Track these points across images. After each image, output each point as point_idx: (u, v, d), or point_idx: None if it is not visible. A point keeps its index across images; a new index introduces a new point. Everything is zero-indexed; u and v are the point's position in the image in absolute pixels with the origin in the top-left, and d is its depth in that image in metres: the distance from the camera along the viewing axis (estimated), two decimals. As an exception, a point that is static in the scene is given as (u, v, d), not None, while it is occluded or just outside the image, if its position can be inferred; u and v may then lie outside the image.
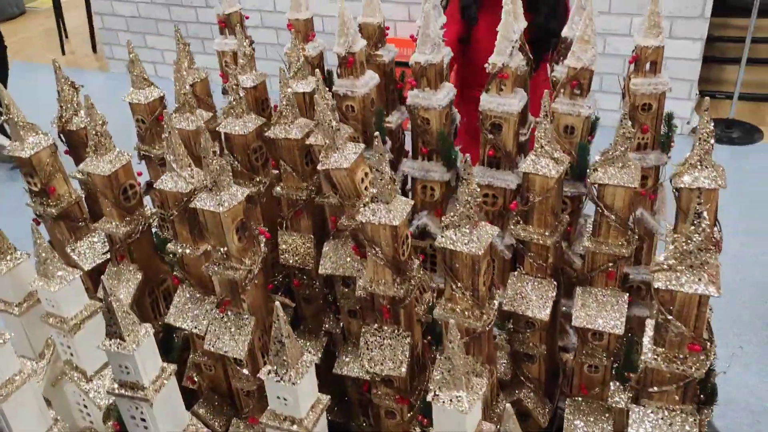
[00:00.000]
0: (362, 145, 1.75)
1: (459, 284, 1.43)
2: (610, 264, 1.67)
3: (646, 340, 1.34)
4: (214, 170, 1.55)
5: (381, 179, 1.46)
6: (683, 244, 1.21)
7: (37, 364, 1.70)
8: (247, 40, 2.21)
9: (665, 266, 1.23)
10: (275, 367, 1.39)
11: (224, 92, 2.43)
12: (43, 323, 1.73)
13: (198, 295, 1.80)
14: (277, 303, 1.35)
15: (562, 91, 1.87)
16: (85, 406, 1.85)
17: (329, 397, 1.49)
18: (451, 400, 1.24)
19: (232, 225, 1.59)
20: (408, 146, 2.29)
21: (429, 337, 1.74)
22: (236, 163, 1.97)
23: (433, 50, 1.89)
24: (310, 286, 2.08)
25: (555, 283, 1.75)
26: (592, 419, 1.82)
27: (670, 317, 1.25)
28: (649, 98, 1.89)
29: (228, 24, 2.43)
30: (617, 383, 1.84)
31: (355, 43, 1.99)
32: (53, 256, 1.66)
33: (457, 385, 1.23)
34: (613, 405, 1.84)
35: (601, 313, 1.69)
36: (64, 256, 1.95)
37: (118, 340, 1.43)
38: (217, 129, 1.97)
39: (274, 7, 5.48)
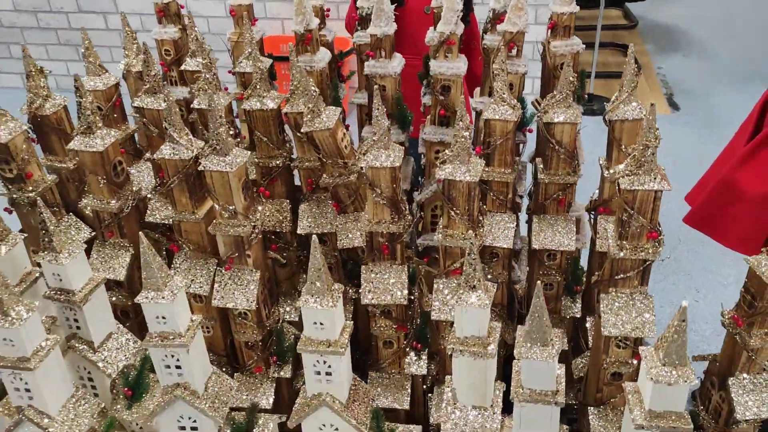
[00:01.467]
0: (339, 108, 1.95)
1: (457, 210, 1.67)
2: (560, 192, 1.98)
3: (611, 241, 1.65)
4: (221, 133, 1.68)
5: (380, 128, 1.67)
6: (641, 154, 1.52)
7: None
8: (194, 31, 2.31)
9: (627, 172, 1.55)
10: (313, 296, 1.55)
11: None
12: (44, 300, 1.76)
13: (196, 260, 1.91)
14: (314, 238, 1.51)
15: (500, 52, 2.17)
16: (90, 378, 1.89)
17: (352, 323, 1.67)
18: (542, 355, 1.41)
19: (239, 184, 1.73)
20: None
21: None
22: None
23: (387, 23, 2.12)
24: (286, 249, 2.23)
25: (514, 215, 2.04)
26: (550, 330, 2.12)
27: (632, 212, 1.57)
28: (566, 58, 2.23)
29: (167, 13, 2.51)
30: (568, 298, 2.17)
31: (311, 21, 2.17)
32: (59, 229, 1.70)
33: (545, 340, 1.40)
34: (566, 316, 2.17)
35: (555, 235, 2.00)
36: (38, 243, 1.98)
37: (155, 292, 1.53)
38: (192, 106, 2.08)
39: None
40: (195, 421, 1.68)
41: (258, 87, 2.02)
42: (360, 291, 1.86)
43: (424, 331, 1.94)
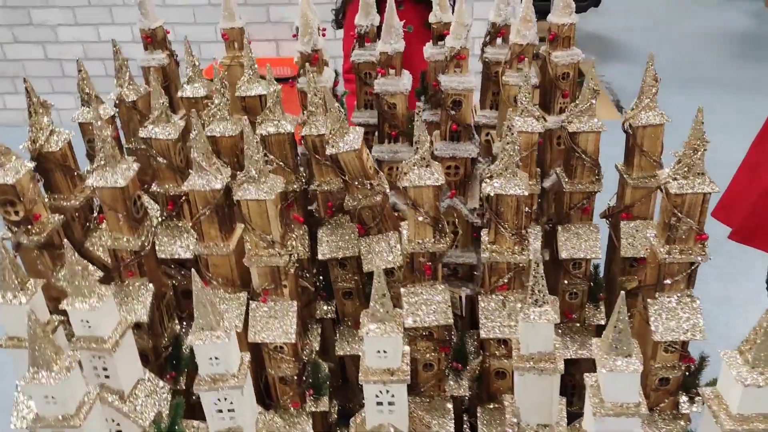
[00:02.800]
0: (362, 129, 1.91)
1: (505, 225, 1.65)
2: (584, 201, 1.99)
3: (656, 242, 1.67)
4: (258, 160, 1.61)
5: (422, 146, 1.63)
6: (690, 157, 1.54)
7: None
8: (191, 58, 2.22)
9: (675, 177, 1.57)
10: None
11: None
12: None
13: (223, 295, 1.82)
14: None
15: (508, 66, 2.18)
16: (119, 431, 1.76)
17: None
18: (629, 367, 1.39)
19: (276, 212, 1.66)
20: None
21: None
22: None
23: (397, 40, 2.09)
24: (302, 277, 2.16)
25: (539, 227, 2.04)
26: (578, 339, 2.13)
27: (682, 215, 1.59)
28: (567, 68, 2.25)
29: (154, 39, 2.40)
30: (591, 305, 2.19)
31: (318, 41, 2.12)
32: (87, 272, 1.58)
33: (629, 351, 1.38)
34: (592, 323, 2.18)
35: (581, 243, 2.01)
36: (49, 289, 1.84)
37: (209, 332, 1.45)
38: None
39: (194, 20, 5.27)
40: (244, 467, 1.59)
41: (272, 110, 1.95)
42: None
43: (463, 351, 1.91)
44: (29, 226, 1.79)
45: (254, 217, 1.65)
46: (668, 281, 1.69)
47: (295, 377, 1.85)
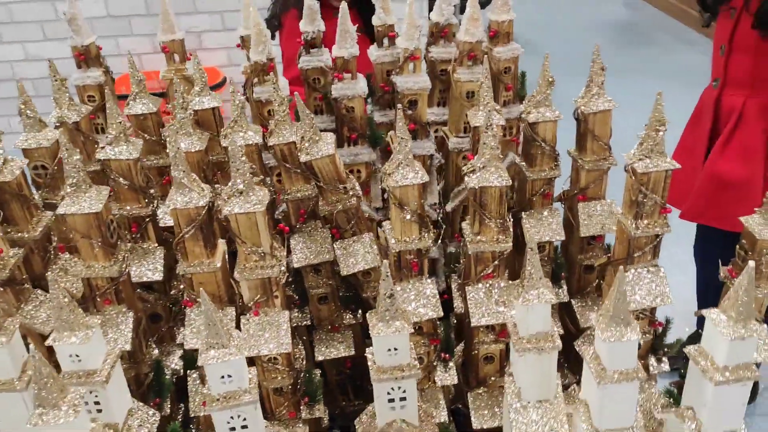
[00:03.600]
0: (332, 135, 1.92)
1: (490, 215, 1.72)
2: (545, 186, 2.10)
3: (624, 219, 1.79)
4: (246, 173, 1.59)
5: (405, 147, 1.67)
6: (650, 139, 1.67)
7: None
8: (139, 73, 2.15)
9: (640, 157, 1.69)
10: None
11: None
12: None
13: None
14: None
15: (459, 63, 2.25)
16: (115, 465, 1.68)
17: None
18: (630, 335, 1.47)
19: (265, 223, 1.65)
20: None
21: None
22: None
23: (352, 44, 2.11)
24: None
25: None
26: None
27: (647, 192, 1.71)
28: (509, 62, 2.36)
29: (87, 56, 2.30)
30: (555, 285, 2.30)
31: (271, 51, 2.11)
32: (72, 305, 1.51)
33: (626, 320, 1.45)
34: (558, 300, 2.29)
35: (545, 228, 2.11)
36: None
37: (223, 350, 1.42)
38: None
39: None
40: (258, 482, 1.57)
41: (238, 122, 1.92)
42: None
43: (450, 342, 1.96)
44: (-8, 263, 1.68)
45: (244, 230, 1.63)
46: (637, 254, 1.81)
47: (290, 387, 1.84)
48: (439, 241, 2.21)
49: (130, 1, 4.97)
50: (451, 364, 1.98)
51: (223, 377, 1.45)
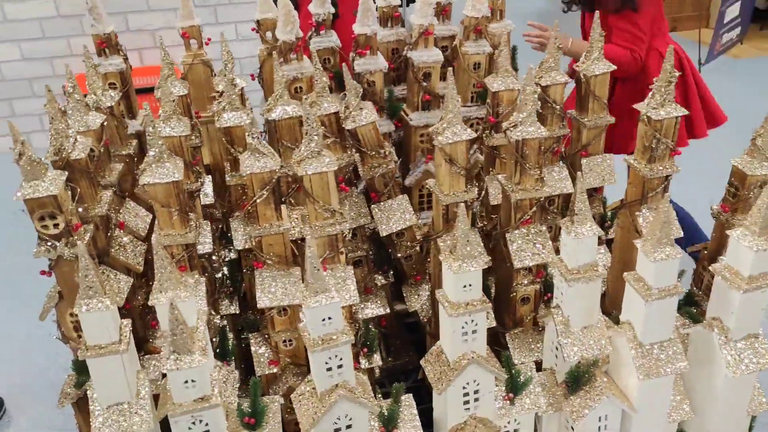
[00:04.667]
0: (371, 104, 2.07)
1: (528, 165, 1.92)
2: (555, 144, 2.32)
3: (637, 163, 2.03)
4: (319, 136, 1.72)
5: (454, 106, 1.84)
6: (662, 91, 1.92)
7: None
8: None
9: (654, 107, 1.93)
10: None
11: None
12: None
13: (278, 273, 1.89)
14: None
15: (465, 38, 2.44)
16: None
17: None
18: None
19: (335, 182, 1.79)
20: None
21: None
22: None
23: (373, 22, 2.27)
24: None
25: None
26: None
27: (660, 137, 1.96)
28: (503, 36, 2.58)
29: (108, 44, 2.34)
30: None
31: (299, 31, 2.24)
32: (173, 266, 1.60)
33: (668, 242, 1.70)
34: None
35: (556, 182, 2.34)
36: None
37: (325, 294, 1.55)
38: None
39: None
40: (351, 419, 1.71)
41: (281, 96, 2.04)
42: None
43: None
44: (69, 238, 1.74)
45: (316, 189, 1.76)
46: (651, 194, 2.06)
47: (353, 338, 1.98)
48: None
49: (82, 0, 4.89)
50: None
51: (324, 320, 1.58)
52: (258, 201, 1.78)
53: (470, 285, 1.70)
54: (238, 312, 2.24)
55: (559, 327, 1.88)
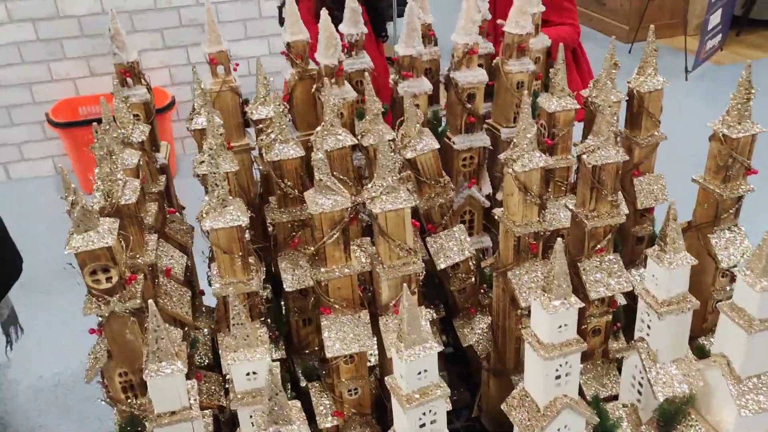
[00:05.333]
0: (427, 130, 1.95)
1: (605, 191, 1.81)
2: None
3: (710, 183, 1.94)
4: (394, 170, 1.59)
5: (530, 132, 1.73)
6: (739, 107, 1.83)
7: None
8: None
9: (730, 124, 1.84)
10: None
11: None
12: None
13: (346, 318, 1.74)
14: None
15: (508, 56, 2.33)
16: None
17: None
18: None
19: (410, 219, 1.65)
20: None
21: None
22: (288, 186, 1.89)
23: (419, 43, 2.14)
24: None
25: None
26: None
27: (736, 156, 1.87)
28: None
29: (132, 73, 2.17)
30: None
31: (341, 54, 2.10)
32: (250, 323, 1.44)
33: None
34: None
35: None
36: (136, 360, 1.63)
37: (422, 344, 1.41)
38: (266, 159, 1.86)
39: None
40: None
41: (331, 126, 1.90)
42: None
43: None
44: (123, 292, 1.56)
45: (392, 227, 1.62)
46: (724, 215, 1.97)
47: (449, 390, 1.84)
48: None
49: (62, 24, 4.65)
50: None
51: (420, 373, 1.44)
52: (328, 242, 1.63)
53: (566, 325, 1.58)
54: (284, 357, 2.08)
55: (646, 362, 1.77)
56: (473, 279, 2.17)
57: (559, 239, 1.53)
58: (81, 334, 1.77)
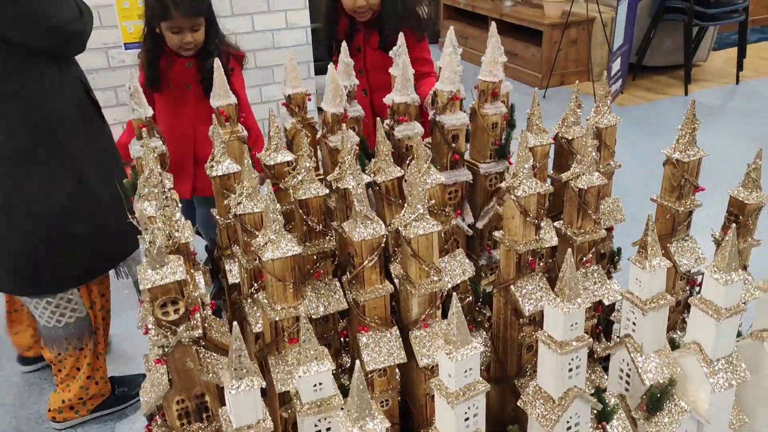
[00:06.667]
0: (432, 166, 2.21)
1: (589, 211, 2.13)
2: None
3: (666, 201, 2.29)
4: (424, 200, 1.84)
5: (528, 162, 2.02)
6: (687, 135, 2.21)
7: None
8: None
9: (679, 150, 2.22)
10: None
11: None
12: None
13: (380, 334, 1.95)
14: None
15: (485, 99, 2.64)
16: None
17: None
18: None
19: (437, 242, 1.90)
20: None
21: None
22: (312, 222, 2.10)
23: (412, 91, 2.42)
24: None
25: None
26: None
27: (687, 177, 2.24)
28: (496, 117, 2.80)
29: (149, 126, 2.32)
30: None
31: (347, 103, 2.35)
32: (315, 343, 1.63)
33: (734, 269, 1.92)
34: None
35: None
36: (192, 385, 1.77)
37: (467, 345, 1.64)
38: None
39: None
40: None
41: (351, 166, 2.13)
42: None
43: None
44: (188, 322, 1.72)
45: (422, 249, 1.86)
46: (680, 228, 2.33)
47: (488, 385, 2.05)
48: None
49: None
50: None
51: (466, 371, 1.66)
52: (367, 266, 1.85)
53: (576, 323, 1.85)
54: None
55: (634, 354, 2.07)
56: (470, 298, 2.43)
57: (568, 251, 1.82)
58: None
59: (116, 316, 3.54)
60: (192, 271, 1.86)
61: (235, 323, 1.54)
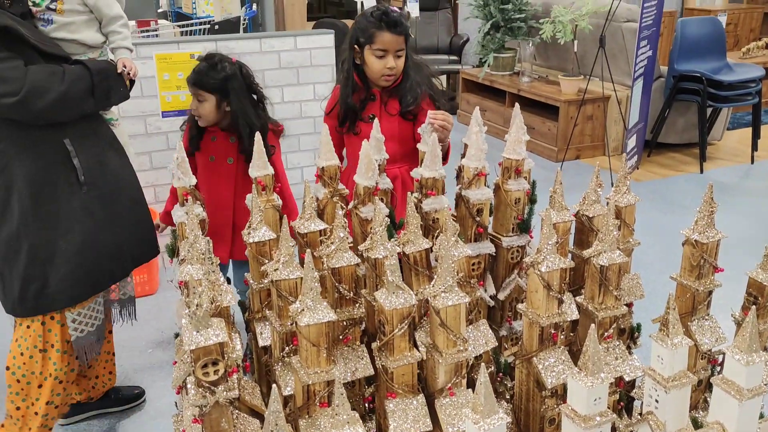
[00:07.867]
0: (458, 239, 2.30)
1: (611, 287, 2.20)
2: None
3: (686, 280, 2.36)
4: (453, 272, 1.92)
5: (552, 238, 2.11)
6: (706, 219, 2.29)
7: None
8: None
9: (698, 232, 2.30)
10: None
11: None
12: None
13: (408, 401, 2.00)
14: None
15: (508, 176, 2.76)
16: None
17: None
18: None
19: (464, 313, 1.97)
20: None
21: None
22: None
23: (440, 167, 2.54)
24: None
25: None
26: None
27: (707, 257, 2.31)
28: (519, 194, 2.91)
29: (192, 194, 2.44)
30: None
31: (378, 177, 2.47)
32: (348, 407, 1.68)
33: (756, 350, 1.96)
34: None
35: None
36: None
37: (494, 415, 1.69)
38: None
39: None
40: None
41: (382, 236, 2.23)
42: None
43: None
44: (226, 383, 1.78)
45: (450, 319, 1.93)
46: (700, 307, 2.39)
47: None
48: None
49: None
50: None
51: (494, 440, 1.71)
52: (397, 334, 1.92)
53: (600, 398, 1.90)
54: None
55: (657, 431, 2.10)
56: (493, 368, 2.48)
57: (593, 326, 1.88)
58: None
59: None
60: (231, 333, 1.94)
61: (274, 386, 1.60)
